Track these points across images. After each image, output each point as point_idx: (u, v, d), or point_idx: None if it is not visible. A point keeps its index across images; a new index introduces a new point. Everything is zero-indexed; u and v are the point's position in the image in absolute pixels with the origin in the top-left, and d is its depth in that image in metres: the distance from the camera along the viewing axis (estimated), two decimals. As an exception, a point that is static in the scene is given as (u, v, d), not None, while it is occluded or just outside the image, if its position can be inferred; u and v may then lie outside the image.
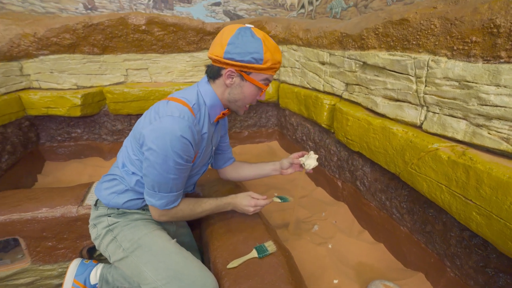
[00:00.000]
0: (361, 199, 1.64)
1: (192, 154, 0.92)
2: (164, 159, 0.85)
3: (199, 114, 0.95)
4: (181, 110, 0.87)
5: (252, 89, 0.94)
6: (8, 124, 1.93)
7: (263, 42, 0.86)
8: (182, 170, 0.92)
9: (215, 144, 1.16)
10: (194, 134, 0.88)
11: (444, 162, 0.97)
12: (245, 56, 0.86)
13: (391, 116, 1.34)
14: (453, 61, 1.02)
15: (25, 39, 1.94)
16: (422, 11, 1.14)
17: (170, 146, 0.84)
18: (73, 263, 1.40)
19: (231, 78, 0.92)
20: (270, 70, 0.92)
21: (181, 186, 0.97)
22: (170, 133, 0.83)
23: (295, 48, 2.27)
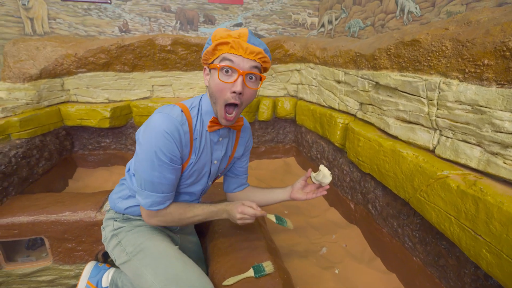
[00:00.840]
0: (373, 223, 1.56)
1: (177, 154, 0.88)
2: (148, 153, 0.85)
3: (196, 118, 0.93)
4: (172, 109, 0.87)
5: (215, 76, 0.85)
6: (47, 133, 2.16)
7: (217, 29, 0.86)
8: (167, 169, 0.88)
9: (217, 159, 1.06)
10: (180, 133, 0.86)
11: (453, 192, 0.90)
12: (204, 49, 0.88)
13: (404, 138, 1.29)
14: (465, 84, 0.96)
15: (67, 59, 2.20)
16: (433, 32, 1.10)
17: (154, 140, 0.83)
18: (88, 265, 1.48)
19: (207, 76, 0.91)
20: (222, 46, 0.83)
21: (168, 188, 0.93)
22: (155, 127, 0.83)
23: (312, 66, 2.29)
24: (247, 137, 1.17)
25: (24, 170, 1.87)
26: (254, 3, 2.78)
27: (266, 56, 0.87)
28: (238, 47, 0.81)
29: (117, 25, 2.59)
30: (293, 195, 1.11)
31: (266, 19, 2.87)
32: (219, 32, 0.84)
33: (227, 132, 1.03)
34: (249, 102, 0.91)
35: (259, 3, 2.79)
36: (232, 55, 0.82)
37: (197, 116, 0.93)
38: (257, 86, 0.90)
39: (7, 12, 2.37)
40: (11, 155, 1.79)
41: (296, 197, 1.11)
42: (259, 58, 0.85)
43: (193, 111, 0.92)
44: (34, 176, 1.98)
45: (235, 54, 0.82)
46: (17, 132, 1.91)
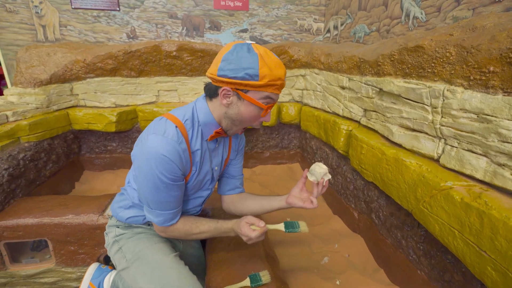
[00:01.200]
0: (377, 233, 1.51)
1: (179, 173, 0.88)
2: (151, 178, 0.85)
3: (192, 130, 0.91)
4: (166, 128, 0.85)
5: (251, 109, 0.85)
6: (56, 137, 2.21)
7: (260, 56, 0.79)
8: (172, 189, 0.89)
9: (217, 164, 1.07)
10: (179, 153, 0.85)
11: (457, 204, 0.86)
12: (238, 72, 0.79)
13: (408, 146, 1.25)
14: (470, 92, 0.93)
15: (76, 64, 2.26)
16: (437, 38, 1.07)
17: (154, 166, 0.83)
18: (91, 266, 1.50)
19: (228, 98, 0.85)
20: (269, 88, 0.82)
21: (176, 204, 0.95)
22: (153, 153, 0.82)
23: (317, 72, 2.27)
24: (239, 136, 1.16)
25: (31, 173, 1.92)
26: (260, 9, 2.80)
27: None
28: (281, 88, 0.86)
29: (125, 31, 2.65)
30: (290, 200, 1.03)
31: (271, 25, 2.87)
32: (270, 72, 0.80)
33: (222, 138, 1.04)
34: None
35: (264, 9, 2.80)
36: (275, 95, 0.86)
37: (192, 128, 0.91)
38: None
39: (21, 19, 2.47)
40: (20, 158, 1.84)
41: (292, 202, 1.03)
42: None
43: (187, 124, 0.90)
44: (41, 179, 2.03)
45: (277, 94, 0.87)
46: (26, 136, 1.96)
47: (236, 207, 1.18)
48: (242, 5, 2.73)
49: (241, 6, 2.73)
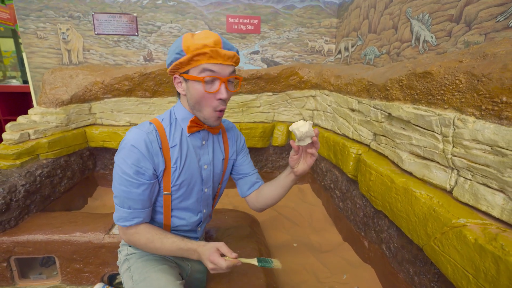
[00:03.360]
0: (388, 266, 1.41)
1: (143, 166, 0.85)
2: (117, 168, 0.86)
3: (170, 126, 0.93)
4: (143, 124, 0.89)
5: (196, 86, 0.84)
6: (72, 154, 2.31)
7: (186, 35, 0.82)
8: (133, 183, 0.86)
9: (206, 163, 1.02)
10: (146, 142, 0.85)
11: (470, 245, 0.79)
12: (171, 57, 0.84)
13: (418, 175, 1.18)
14: (482, 122, 0.87)
15: (95, 85, 2.39)
16: (446, 64, 1.03)
17: (122, 155, 0.85)
18: (97, 285, 1.51)
19: (180, 84, 0.89)
20: (200, 57, 0.80)
21: (135, 204, 0.89)
22: (124, 143, 0.85)
23: (327, 93, 2.25)
24: (235, 135, 1.14)
25: (46, 189, 1.99)
26: (271, 32, 2.86)
27: (238, 57, 0.88)
28: (217, 56, 0.81)
29: (142, 54, 2.80)
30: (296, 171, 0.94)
31: (282, 46, 2.92)
32: (192, 42, 0.80)
33: (207, 134, 1.00)
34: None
35: (275, 32, 2.87)
36: (212, 65, 0.82)
37: (170, 125, 0.93)
38: (235, 88, 0.93)
39: (50, 45, 2.69)
40: (37, 174, 1.93)
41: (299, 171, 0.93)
42: (234, 61, 0.86)
43: (165, 122, 0.93)
44: (56, 194, 2.10)
45: (214, 63, 0.82)
46: (45, 153, 2.07)
47: (259, 202, 1.11)
48: (254, 29, 2.81)
49: (253, 29, 2.81)
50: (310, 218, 2.28)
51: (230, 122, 1.17)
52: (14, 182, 1.76)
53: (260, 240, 1.74)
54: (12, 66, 7.57)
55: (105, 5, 2.63)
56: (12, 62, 7.57)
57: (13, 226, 1.69)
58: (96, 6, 2.64)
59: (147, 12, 2.69)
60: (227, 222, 1.77)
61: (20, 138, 1.98)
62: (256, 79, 2.43)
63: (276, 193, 1.05)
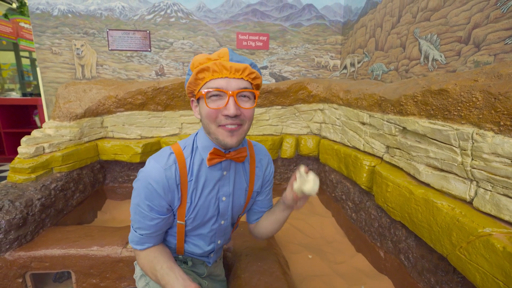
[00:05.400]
0: (407, 277, 1.44)
1: (160, 204, 0.83)
2: (134, 196, 0.85)
3: (191, 157, 0.86)
4: (162, 155, 0.84)
5: (202, 105, 0.78)
6: (84, 167, 2.32)
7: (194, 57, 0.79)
8: (146, 216, 0.85)
9: (225, 195, 0.94)
10: (165, 183, 0.81)
11: (499, 253, 0.83)
12: (187, 80, 0.82)
13: (436, 186, 1.23)
14: (501, 137, 0.94)
15: (109, 100, 2.43)
16: (462, 83, 1.11)
17: (138, 188, 0.83)
18: None
19: (196, 108, 0.84)
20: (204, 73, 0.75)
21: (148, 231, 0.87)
22: (142, 175, 0.82)
23: (336, 107, 2.33)
24: (265, 164, 1.03)
25: (60, 202, 1.99)
26: (279, 48, 2.98)
27: (254, 72, 0.77)
28: (221, 69, 0.73)
29: (154, 69, 2.87)
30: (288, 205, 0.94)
31: (290, 62, 3.03)
32: (197, 59, 0.76)
33: (229, 163, 0.90)
34: (250, 122, 0.82)
35: (283, 48, 2.98)
36: (216, 80, 0.74)
37: (191, 154, 0.86)
38: (252, 105, 0.79)
39: (64, 60, 2.74)
40: (51, 188, 1.93)
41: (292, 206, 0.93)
42: (247, 75, 0.76)
43: (186, 151, 0.86)
44: (69, 208, 2.09)
45: (219, 77, 0.74)
46: (58, 166, 2.08)
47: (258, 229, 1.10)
48: (262, 45, 2.93)
49: (262, 45, 2.93)
50: (321, 229, 2.30)
51: (263, 148, 1.06)
52: (30, 196, 1.77)
53: (278, 251, 1.76)
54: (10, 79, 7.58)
55: (119, 22, 2.72)
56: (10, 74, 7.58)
57: (29, 241, 1.68)
58: (110, 24, 2.72)
59: (160, 29, 2.79)
60: (244, 235, 1.78)
61: (35, 151, 2.00)
62: (266, 93, 2.51)
63: (272, 228, 1.04)
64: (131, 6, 2.72)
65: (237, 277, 1.33)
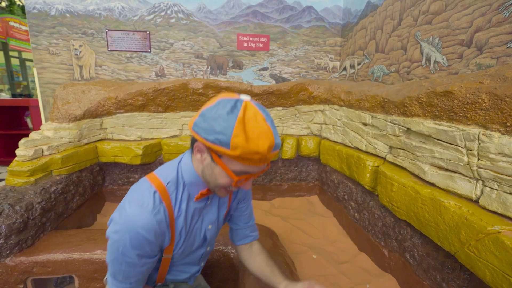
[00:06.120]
0: (412, 274, 1.47)
1: (152, 250, 0.78)
2: (115, 247, 0.74)
3: (176, 192, 0.80)
4: (145, 196, 0.75)
5: (223, 176, 0.73)
6: (84, 169, 2.28)
7: (240, 121, 0.64)
8: (135, 265, 0.78)
9: (211, 223, 0.94)
10: (154, 226, 0.74)
11: (509, 250, 0.86)
12: (210, 134, 0.66)
13: (442, 186, 1.26)
14: (507, 137, 0.97)
15: (108, 101, 2.40)
16: (467, 85, 1.14)
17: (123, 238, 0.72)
18: None
19: (201, 154, 0.75)
20: (244, 161, 0.68)
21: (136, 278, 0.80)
22: (124, 224, 0.72)
23: (337, 108, 2.36)
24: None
25: (60, 206, 1.95)
26: (279, 50, 3.00)
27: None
28: (264, 160, 0.69)
29: (154, 70, 2.85)
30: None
31: (290, 63, 3.05)
32: (245, 145, 0.65)
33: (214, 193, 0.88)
34: None
35: (283, 49, 3.00)
36: (254, 167, 0.71)
37: (176, 190, 0.80)
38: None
39: (62, 61, 2.69)
40: (52, 191, 1.89)
41: None
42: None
43: (170, 187, 0.79)
44: (69, 211, 2.06)
45: (257, 165, 0.70)
46: (58, 169, 2.03)
47: (249, 262, 1.06)
48: (263, 46, 2.94)
49: (262, 47, 2.94)
50: (323, 229, 2.32)
51: None
52: (31, 200, 1.73)
53: (284, 252, 1.76)
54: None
55: (119, 22, 2.69)
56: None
57: (30, 246, 1.65)
58: (110, 24, 2.68)
59: (160, 30, 2.77)
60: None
61: (34, 154, 1.95)
62: (267, 94, 2.52)
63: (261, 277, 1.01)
64: (131, 6, 2.69)
65: (246, 278, 1.33)
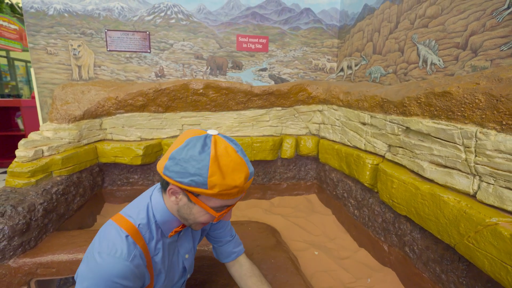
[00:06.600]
0: (412, 268, 1.53)
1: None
2: None
3: (149, 233, 0.78)
4: (117, 243, 0.71)
5: (203, 213, 0.74)
6: (84, 170, 2.26)
7: (213, 159, 0.65)
8: None
9: (187, 252, 0.94)
10: (133, 271, 0.71)
11: (507, 240, 0.92)
12: (184, 177, 0.66)
13: (440, 182, 1.32)
14: (503, 135, 1.03)
15: (108, 101, 2.39)
16: (464, 85, 1.21)
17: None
18: None
19: (175, 196, 0.74)
20: (223, 196, 0.69)
21: None
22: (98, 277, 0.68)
23: (336, 108, 2.42)
24: None
25: (62, 207, 1.94)
26: (278, 51, 3.04)
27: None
28: (242, 192, 0.72)
29: (154, 70, 2.85)
30: None
31: (288, 64, 3.10)
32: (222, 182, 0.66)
33: None
34: None
35: (282, 50, 3.05)
36: (233, 200, 0.74)
37: (149, 231, 0.78)
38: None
39: (60, 61, 2.66)
40: (53, 192, 1.88)
41: None
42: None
43: (142, 229, 0.77)
44: (70, 213, 2.04)
45: (235, 197, 0.73)
46: (58, 170, 2.02)
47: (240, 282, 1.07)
48: (262, 47, 2.98)
49: (261, 48, 2.98)
50: (323, 227, 2.37)
51: None
52: (32, 201, 1.71)
53: (287, 249, 1.80)
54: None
55: (118, 23, 2.68)
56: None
57: (33, 247, 1.64)
58: (109, 24, 2.67)
59: (160, 30, 2.77)
60: (253, 234, 1.82)
61: (34, 155, 1.94)
62: (267, 95, 2.56)
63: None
64: (130, 6, 2.69)
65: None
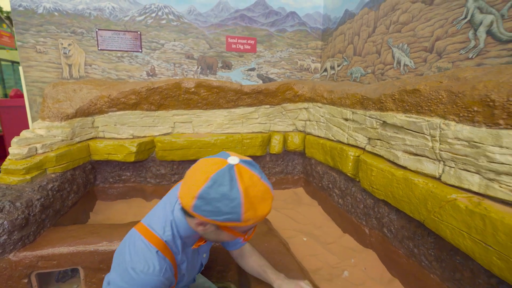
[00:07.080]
0: (389, 246, 1.72)
1: None
2: None
3: (175, 247, 0.85)
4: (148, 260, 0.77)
5: (232, 237, 0.80)
6: (77, 167, 2.29)
7: (244, 196, 0.68)
8: None
9: (205, 251, 1.05)
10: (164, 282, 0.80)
11: (463, 211, 1.11)
12: (218, 216, 0.69)
13: (412, 168, 1.52)
14: (461, 125, 1.23)
15: (101, 99, 2.43)
16: (430, 84, 1.40)
17: None
18: None
19: (204, 225, 0.77)
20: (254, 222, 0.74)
21: None
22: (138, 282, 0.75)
23: (320, 106, 2.59)
24: None
25: (57, 203, 1.97)
26: (266, 52, 3.19)
27: None
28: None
29: (145, 70, 2.90)
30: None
31: (275, 64, 3.26)
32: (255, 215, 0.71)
33: None
34: None
35: (269, 51, 3.20)
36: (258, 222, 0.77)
37: (175, 245, 0.85)
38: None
39: (49, 59, 2.64)
40: (48, 189, 1.91)
41: None
42: None
43: (170, 243, 0.83)
44: (65, 209, 2.07)
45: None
46: (52, 167, 2.05)
47: (241, 264, 1.19)
48: (250, 48, 3.11)
49: (250, 48, 3.11)
50: (310, 216, 2.54)
51: None
52: (30, 197, 1.75)
53: (278, 234, 1.95)
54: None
55: (109, 22, 2.70)
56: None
57: (32, 241, 1.67)
58: (100, 24, 2.69)
59: (151, 30, 2.82)
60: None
61: (28, 152, 1.96)
62: (256, 93, 2.69)
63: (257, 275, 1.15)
64: (122, 7, 2.72)
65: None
